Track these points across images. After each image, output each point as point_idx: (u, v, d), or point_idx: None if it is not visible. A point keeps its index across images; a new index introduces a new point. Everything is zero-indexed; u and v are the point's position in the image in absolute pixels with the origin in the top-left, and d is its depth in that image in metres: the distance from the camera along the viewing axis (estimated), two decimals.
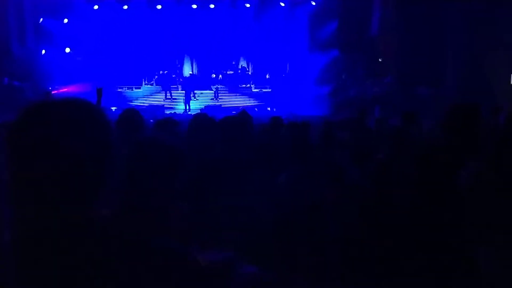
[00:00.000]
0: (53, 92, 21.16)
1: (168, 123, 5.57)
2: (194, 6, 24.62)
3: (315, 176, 4.15)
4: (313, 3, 23.24)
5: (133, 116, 4.50)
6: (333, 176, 4.23)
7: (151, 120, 9.59)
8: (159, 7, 24.46)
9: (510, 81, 18.71)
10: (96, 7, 23.59)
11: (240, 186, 3.76)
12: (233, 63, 26.16)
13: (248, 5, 24.54)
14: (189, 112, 21.28)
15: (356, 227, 3.73)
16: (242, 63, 26.22)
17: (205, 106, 22.07)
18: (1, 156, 1.29)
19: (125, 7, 24.19)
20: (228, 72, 25.46)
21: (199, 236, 3.25)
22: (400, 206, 3.64)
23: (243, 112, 6.02)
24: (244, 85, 25.24)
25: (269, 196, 4.10)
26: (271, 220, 3.86)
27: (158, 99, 24.15)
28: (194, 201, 3.58)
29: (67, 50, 23.14)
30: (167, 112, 21.40)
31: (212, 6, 24.71)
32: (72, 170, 1.28)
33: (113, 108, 19.45)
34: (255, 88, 25.22)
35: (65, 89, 21.85)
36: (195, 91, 24.12)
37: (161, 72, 25.23)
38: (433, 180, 3.30)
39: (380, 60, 22.26)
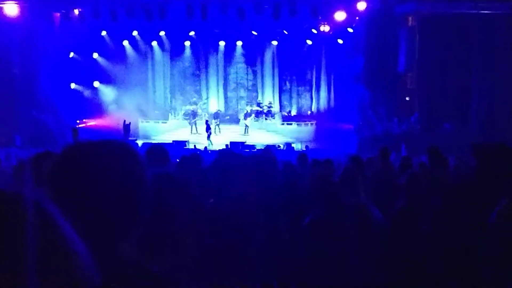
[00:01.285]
0: (79, 126, 21.49)
1: (192, 159, 5.58)
2: (222, 43, 24.99)
3: (339, 219, 4.10)
4: (340, 41, 23.37)
5: (159, 152, 4.51)
6: (356, 219, 4.16)
7: (177, 160, 9.62)
8: (187, 43, 24.90)
9: None
10: (125, 42, 24.07)
11: (262, 227, 3.72)
12: (259, 99, 26.32)
13: (275, 42, 24.82)
14: (209, 147, 21.48)
15: (381, 273, 3.65)
16: (269, 99, 26.35)
17: (230, 142, 22.13)
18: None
19: (154, 43, 24.68)
20: (253, 108, 25.58)
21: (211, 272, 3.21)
22: (425, 249, 3.55)
23: (266, 150, 6.00)
24: (269, 121, 25.31)
25: (294, 238, 4.04)
26: (295, 262, 3.80)
27: (184, 134, 24.30)
28: (212, 236, 3.55)
29: (96, 84, 23.57)
30: (191, 147, 21.50)
31: (239, 43, 25.05)
32: (107, 208, 1.31)
33: (139, 142, 19.64)
34: (280, 123, 25.28)
35: (93, 123, 22.17)
36: (220, 127, 24.35)
37: (188, 107, 25.50)
38: (463, 219, 3.23)
39: (407, 98, 22.20)
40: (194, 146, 21.80)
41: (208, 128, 22.98)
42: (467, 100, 19.84)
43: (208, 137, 22.79)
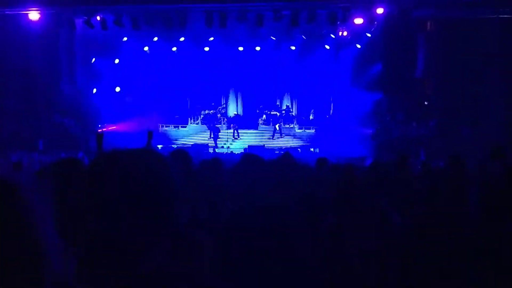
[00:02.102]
0: (100, 131, 21.72)
1: (213, 163, 5.68)
2: (240, 48, 25.14)
3: (359, 223, 4.14)
4: (358, 46, 23.39)
5: (182, 156, 4.62)
6: (376, 223, 4.21)
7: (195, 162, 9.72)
8: (206, 49, 25.07)
9: None
10: (146, 48, 24.35)
11: (281, 229, 3.78)
12: (278, 104, 26.46)
13: (293, 48, 24.89)
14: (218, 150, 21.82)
15: (400, 280, 3.69)
16: (287, 103, 26.46)
17: (248, 146, 22.26)
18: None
19: (174, 48, 24.89)
20: (272, 113, 25.71)
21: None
22: (445, 255, 3.59)
23: (286, 154, 6.07)
24: (288, 125, 25.43)
25: (312, 241, 4.10)
26: (313, 265, 3.85)
27: (203, 138, 24.54)
28: (232, 238, 3.63)
29: (117, 89, 23.84)
30: (210, 151, 21.71)
31: (258, 48, 25.16)
32: (141, 216, 1.36)
33: (159, 146, 19.84)
34: (298, 128, 25.37)
35: (114, 127, 22.42)
36: (238, 131, 24.53)
37: (206, 111, 25.73)
38: (492, 224, 3.25)
39: (426, 103, 22.12)
40: (214, 150, 21.98)
41: (214, 131, 23.42)
42: (485, 104, 19.73)
43: (215, 138, 23.24)
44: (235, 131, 24.53)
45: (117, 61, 23.67)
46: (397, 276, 3.77)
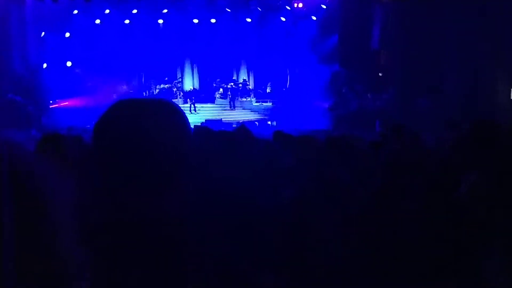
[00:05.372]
0: (52, 106, 21.31)
1: None
2: (196, 21, 24.70)
3: (321, 195, 4.08)
4: (314, 18, 23.30)
5: None
6: (337, 195, 4.14)
7: None
8: (160, 21, 24.55)
9: (510, 95, 18.67)
10: (98, 21, 23.65)
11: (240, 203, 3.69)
12: (234, 77, 26.25)
13: (249, 20, 24.62)
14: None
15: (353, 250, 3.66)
16: (243, 77, 26.26)
17: (205, 120, 22.04)
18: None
19: (127, 21, 24.25)
20: (229, 86, 25.51)
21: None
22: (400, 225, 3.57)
23: (241, 127, 5.95)
24: (245, 99, 25.30)
25: (271, 213, 4.02)
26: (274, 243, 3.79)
27: None
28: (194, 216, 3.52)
29: (68, 64, 23.19)
30: None
31: (213, 20, 24.78)
32: (151, 164, 1.36)
33: None
34: (255, 101, 25.27)
35: (66, 103, 21.90)
36: (195, 105, 24.28)
37: (162, 86, 25.34)
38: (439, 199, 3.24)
39: (380, 74, 22.27)
40: None
41: None
42: (440, 75, 20.00)
43: None
44: (192, 105, 24.27)
45: (67, 35, 22.94)
46: (357, 250, 3.72)
